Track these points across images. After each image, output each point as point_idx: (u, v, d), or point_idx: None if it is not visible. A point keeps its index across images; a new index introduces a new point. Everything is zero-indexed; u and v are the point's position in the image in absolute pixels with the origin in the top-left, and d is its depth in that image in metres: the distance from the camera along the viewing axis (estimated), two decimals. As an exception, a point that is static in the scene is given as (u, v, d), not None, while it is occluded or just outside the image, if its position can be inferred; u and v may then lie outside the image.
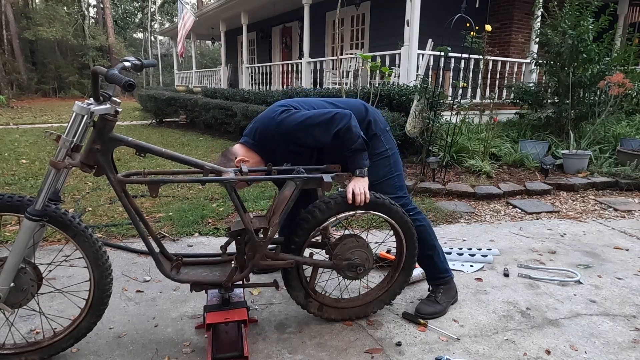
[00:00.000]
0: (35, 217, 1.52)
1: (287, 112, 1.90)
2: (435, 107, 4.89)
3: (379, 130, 2.07)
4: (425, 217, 2.17)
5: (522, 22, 8.14)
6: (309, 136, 1.86)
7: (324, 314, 2.01)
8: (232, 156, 1.91)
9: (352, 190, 1.84)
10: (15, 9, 23.73)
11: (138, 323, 2.02)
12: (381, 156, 2.06)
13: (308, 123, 1.84)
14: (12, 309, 1.61)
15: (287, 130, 1.86)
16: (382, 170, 2.07)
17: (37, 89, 23.74)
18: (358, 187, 1.85)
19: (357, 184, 1.86)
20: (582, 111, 5.67)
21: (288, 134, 1.87)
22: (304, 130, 1.85)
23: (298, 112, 1.89)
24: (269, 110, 1.96)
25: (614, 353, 1.84)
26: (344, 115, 1.83)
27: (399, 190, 2.11)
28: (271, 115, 1.91)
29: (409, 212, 2.09)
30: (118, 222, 3.33)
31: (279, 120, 1.87)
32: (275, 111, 1.92)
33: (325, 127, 1.83)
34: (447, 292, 2.17)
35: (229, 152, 1.94)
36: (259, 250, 1.78)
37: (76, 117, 1.51)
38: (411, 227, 1.99)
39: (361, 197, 1.83)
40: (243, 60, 13.16)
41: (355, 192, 1.84)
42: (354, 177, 1.89)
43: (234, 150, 1.95)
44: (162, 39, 27.80)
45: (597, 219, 3.72)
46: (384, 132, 2.10)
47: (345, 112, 1.84)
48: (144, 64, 1.66)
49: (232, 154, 1.93)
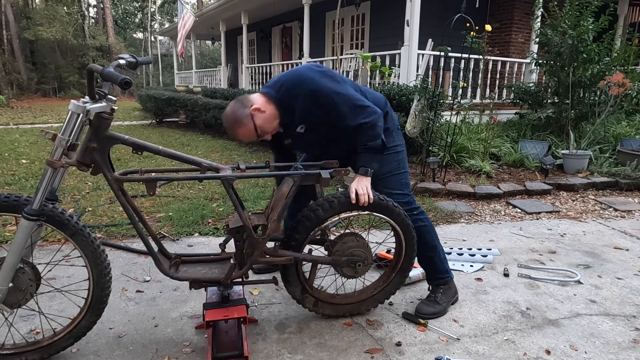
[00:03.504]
0: (32, 216, 1.52)
1: (327, 75, 1.82)
2: (435, 107, 4.89)
3: (392, 126, 2.06)
4: (427, 218, 2.15)
5: (522, 22, 8.14)
6: (336, 110, 1.80)
7: (319, 310, 2.02)
8: (248, 103, 1.80)
9: (355, 190, 1.83)
10: (15, 9, 23.72)
11: (138, 323, 2.01)
12: (391, 151, 2.05)
13: (342, 98, 1.79)
14: (11, 309, 1.60)
15: (319, 92, 1.78)
16: (390, 165, 2.05)
17: (37, 89, 23.72)
18: (361, 187, 1.84)
19: (361, 184, 1.85)
20: (582, 111, 5.66)
21: (319, 96, 1.78)
22: (334, 102, 1.79)
23: (338, 83, 1.82)
24: (304, 67, 1.86)
25: (614, 353, 1.84)
26: (375, 111, 1.82)
27: (404, 187, 2.09)
28: (306, 71, 1.82)
29: (412, 212, 2.07)
30: (118, 222, 3.32)
31: (317, 77, 1.79)
32: (312, 68, 1.84)
33: (355, 112, 1.79)
34: (446, 292, 2.16)
35: (245, 99, 1.82)
36: (257, 247, 1.78)
37: (72, 115, 1.50)
38: (412, 229, 1.99)
39: (365, 197, 1.83)
40: (243, 60, 13.16)
41: (359, 193, 1.83)
42: (357, 176, 1.87)
43: (252, 97, 1.83)
44: (162, 39, 27.80)
45: (597, 219, 3.71)
46: (396, 129, 2.09)
47: (377, 110, 1.84)
48: (139, 61, 1.66)
49: (248, 101, 1.81)
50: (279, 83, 1.85)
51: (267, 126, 1.83)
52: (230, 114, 1.79)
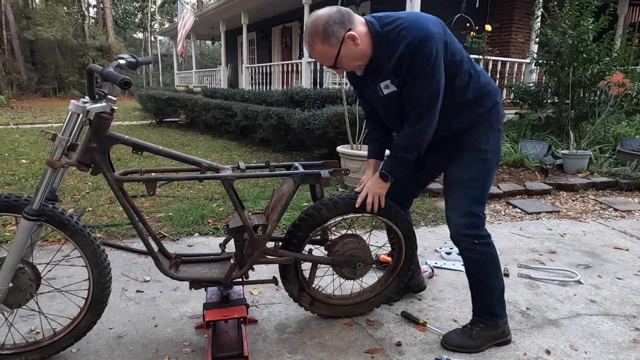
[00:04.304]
0: (32, 216, 1.52)
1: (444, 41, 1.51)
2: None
3: (494, 123, 1.73)
4: (493, 250, 1.79)
5: (522, 22, 8.14)
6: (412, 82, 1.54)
7: (315, 309, 2.02)
8: (348, 23, 1.50)
9: (365, 196, 1.78)
10: (15, 9, 23.73)
11: (138, 323, 2.01)
12: (479, 154, 1.72)
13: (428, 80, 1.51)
14: (11, 309, 1.60)
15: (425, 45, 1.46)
16: (469, 172, 1.73)
17: (37, 89, 23.74)
18: (373, 194, 1.77)
19: (374, 189, 1.77)
20: (582, 111, 5.66)
21: (413, 56, 1.48)
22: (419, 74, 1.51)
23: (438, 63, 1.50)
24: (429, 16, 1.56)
25: (614, 353, 1.84)
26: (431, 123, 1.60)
27: (474, 205, 1.73)
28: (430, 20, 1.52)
29: (477, 238, 1.75)
30: (118, 222, 3.32)
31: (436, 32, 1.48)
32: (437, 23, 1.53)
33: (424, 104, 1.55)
34: (487, 330, 1.85)
35: (348, 15, 1.51)
36: (257, 247, 1.78)
37: (72, 115, 1.50)
38: (413, 235, 1.99)
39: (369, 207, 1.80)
40: (243, 60, 13.16)
41: (367, 201, 1.78)
42: (375, 177, 1.77)
43: (355, 19, 1.53)
44: (162, 39, 27.79)
45: (597, 219, 3.71)
46: (496, 130, 1.75)
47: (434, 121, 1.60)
48: (139, 61, 1.66)
49: (350, 21, 1.51)
50: (391, 17, 1.54)
51: (350, 62, 1.57)
52: (321, 22, 1.49)
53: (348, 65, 1.59)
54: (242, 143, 7.78)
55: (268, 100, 7.72)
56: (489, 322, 1.85)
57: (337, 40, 1.50)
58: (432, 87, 1.54)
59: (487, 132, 1.72)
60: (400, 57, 1.50)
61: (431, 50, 1.47)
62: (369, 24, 1.55)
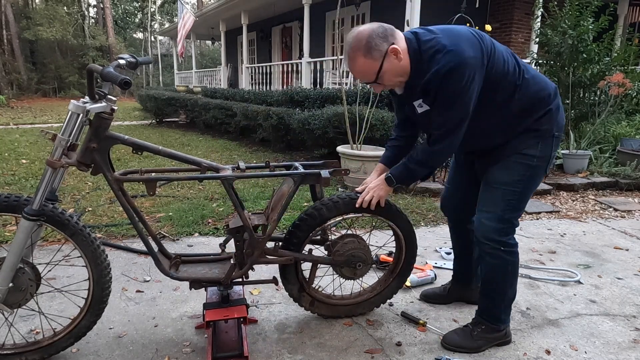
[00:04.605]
0: (32, 216, 1.52)
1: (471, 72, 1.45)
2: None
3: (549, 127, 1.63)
4: (517, 259, 1.75)
5: (522, 22, 8.14)
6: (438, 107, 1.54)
7: (315, 309, 2.02)
8: (391, 38, 1.48)
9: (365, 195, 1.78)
10: (15, 9, 23.73)
11: (138, 323, 2.01)
12: (524, 159, 1.64)
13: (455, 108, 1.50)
14: (11, 309, 1.60)
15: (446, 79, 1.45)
16: (511, 175, 1.65)
17: (37, 89, 23.74)
18: (374, 195, 1.77)
19: (377, 191, 1.77)
20: (582, 111, 5.66)
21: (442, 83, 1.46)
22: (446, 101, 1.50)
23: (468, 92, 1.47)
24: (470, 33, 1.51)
25: (614, 353, 1.84)
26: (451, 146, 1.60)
27: (509, 211, 1.66)
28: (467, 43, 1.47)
29: (505, 245, 1.69)
30: (118, 222, 3.32)
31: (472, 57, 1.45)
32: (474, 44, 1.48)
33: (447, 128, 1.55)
34: (489, 332, 1.83)
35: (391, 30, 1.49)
36: (257, 247, 1.78)
37: (72, 115, 1.50)
38: (413, 235, 1.99)
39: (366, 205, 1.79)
40: (243, 60, 13.16)
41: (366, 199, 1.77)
42: (381, 179, 1.77)
43: (398, 34, 1.51)
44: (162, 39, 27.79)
45: (597, 219, 3.71)
46: (552, 137, 1.65)
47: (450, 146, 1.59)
48: (139, 61, 1.66)
49: (393, 36, 1.49)
50: (429, 35, 1.51)
51: (391, 78, 1.54)
52: (364, 36, 1.47)
53: (390, 81, 1.56)
54: (242, 143, 7.78)
55: (268, 100, 7.72)
56: (492, 325, 1.84)
57: (379, 54, 1.48)
58: (458, 116, 1.54)
59: (537, 139, 1.64)
60: (428, 81, 1.49)
61: (461, 79, 1.45)
62: (408, 40, 1.53)
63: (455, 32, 1.51)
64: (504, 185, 1.67)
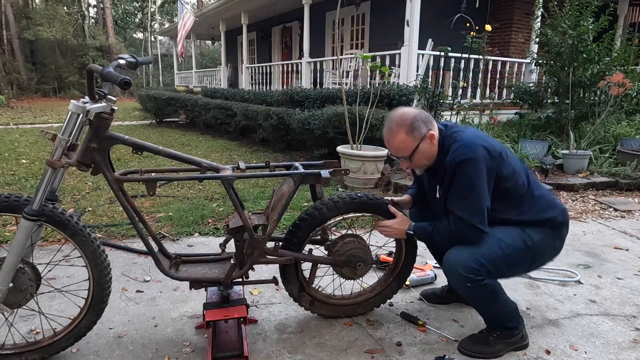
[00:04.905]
0: (32, 216, 1.52)
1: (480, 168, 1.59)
2: (435, 107, 4.90)
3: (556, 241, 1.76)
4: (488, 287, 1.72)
5: (522, 22, 8.14)
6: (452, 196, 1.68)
7: (315, 309, 2.02)
8: (431, 124, 1.67)
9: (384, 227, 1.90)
10: (15, 9, 23.73)
11: (138, 323, 2.01)
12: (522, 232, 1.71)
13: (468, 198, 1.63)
14: (11, 309, 1.60)
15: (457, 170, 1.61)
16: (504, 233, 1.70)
17: (37, 89, 23.74)
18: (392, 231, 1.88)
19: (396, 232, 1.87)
20: (582, 111, 5.66)
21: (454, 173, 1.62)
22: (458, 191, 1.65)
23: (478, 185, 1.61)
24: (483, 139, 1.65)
25: (614, 353, 1.84)
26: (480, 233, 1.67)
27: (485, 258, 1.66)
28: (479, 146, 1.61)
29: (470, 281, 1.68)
30: (118, 222, 3.32)
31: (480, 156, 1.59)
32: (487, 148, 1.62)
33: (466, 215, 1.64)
34: (504, 337, 1.82)
35: (431, 119, 1.68)
36: (257, 247, 1.78)
37: (72, 115, 1.50)
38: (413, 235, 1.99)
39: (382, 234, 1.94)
40: (243, 60, 13.17)
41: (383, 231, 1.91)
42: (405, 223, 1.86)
43: (434, 123, 1.69)
44: (162, 39, 27.80)
45: (597, 219, 3.71)
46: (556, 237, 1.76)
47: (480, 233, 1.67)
48: (139, 61, 1.66)
49: (431, 123, 1.67)
50: (456, 129, 1.71)
51: (421, 159, 1.70)
52: (410, 116, 1.65)
53: (419, 161, 1.72)
54: (242, 143, 7.78)
55: (268, 100, 7.72)
56: (505, 332, 1.83)
57: (419, 135, 1.65)
58: (474, 205, 1.64)
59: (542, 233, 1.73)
60: (444, 169, 1.66)
61: (472, 171, 1.60)
62: (439, 129, 1.71)
63: (477, 132, 1.69)
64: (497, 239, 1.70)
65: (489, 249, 1.68)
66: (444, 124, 1.75)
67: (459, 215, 1.67)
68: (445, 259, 1.76)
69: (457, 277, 1.71)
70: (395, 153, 1.73)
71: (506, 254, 1.69)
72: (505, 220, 1.73)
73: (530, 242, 1.71)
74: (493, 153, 1.64)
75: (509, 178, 1.68)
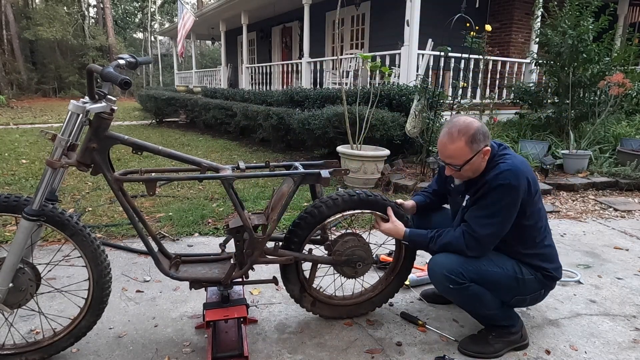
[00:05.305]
0: (32, 217, 1.52)
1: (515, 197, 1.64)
2: (435, 107, 4.89)
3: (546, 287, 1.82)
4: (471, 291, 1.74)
5: (522, 22, 8.14)
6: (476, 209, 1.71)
7: (316, 310, 2.02)
8: (488, 141, 1.69)
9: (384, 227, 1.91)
10: (15, 9, 23.73)
11: (138, 323, 2.01)
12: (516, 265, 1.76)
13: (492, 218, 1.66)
14: (11, 310, 1.60)
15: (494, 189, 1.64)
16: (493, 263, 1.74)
17: (37, 89, 23.75)
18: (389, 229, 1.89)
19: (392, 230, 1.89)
20: (582, 111, 5.66)
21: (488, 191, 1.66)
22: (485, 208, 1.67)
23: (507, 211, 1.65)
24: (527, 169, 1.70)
25: (614, 353, 1.84)
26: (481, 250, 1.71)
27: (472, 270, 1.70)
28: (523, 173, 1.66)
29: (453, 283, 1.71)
30: (118, 222, 3.32)
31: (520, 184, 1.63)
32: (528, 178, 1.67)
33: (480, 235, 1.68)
34: (503, 336, 1.83)
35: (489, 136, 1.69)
36: (257, 246, 1.78)
37: (72, 115, 1.50)
38: None
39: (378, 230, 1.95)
40: (243, 60, 13.17)
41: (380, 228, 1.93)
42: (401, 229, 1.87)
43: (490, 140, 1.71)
44: (162, 39, 27.80)
45: (597, 219, 3.71)
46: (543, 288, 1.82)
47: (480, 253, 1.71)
48: (138, 61, 1.66)
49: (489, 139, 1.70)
50: (505, 152, 1.74)
51: (469, 171, 1.72)
52: (474, 127, 1.67)
53: (466, 173, 1.73)
54: (242, 143, 7.78)
55: (268, 100, 7.72)
56: (502, 330, 1.84)
57: (477, 147, 1.67)
58: (493, 228, 1.67)
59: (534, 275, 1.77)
60: (482, 184, 1.68)
61: (506, 196, 1.63)
62: (492, 146, 1.73)
63: (525, 162, 1.72)
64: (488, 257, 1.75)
65: (477, 261, 1.73)
66: (497, 143, 1.78)
67: (475, 230, 1.69)
68: (430, 261, 1.80)
69: (440, 278, 1.73)
70: (446, 159, 1.72)
71: (493, 272, 1.73)
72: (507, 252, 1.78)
73: (521, 275, 1.75)
74: (533, 187, 1.68)
75: (532, 217, 1.72)
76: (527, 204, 1.68)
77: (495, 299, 1.78)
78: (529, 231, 1.74)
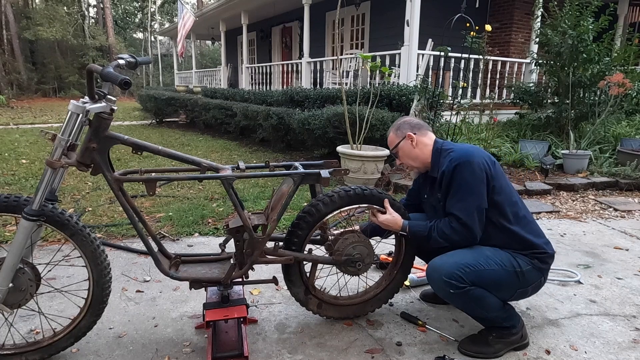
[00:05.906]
0: (32, 217, 1.52)
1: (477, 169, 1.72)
2: (435, 107, 4.90)
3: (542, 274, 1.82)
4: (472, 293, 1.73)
5: (522, 22, 8.14)
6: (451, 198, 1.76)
7: (323, 312, 2.01)
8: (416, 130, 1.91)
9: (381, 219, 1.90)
10: (15, 9, 23.73)
11: (138, 323, 2.01)
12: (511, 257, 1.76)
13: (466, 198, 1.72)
14: (11, 310, 1.60)
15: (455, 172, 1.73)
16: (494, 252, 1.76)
17: (37, 89, 23.74)
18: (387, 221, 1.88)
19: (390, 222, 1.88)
20: (582, 111, 5.66)
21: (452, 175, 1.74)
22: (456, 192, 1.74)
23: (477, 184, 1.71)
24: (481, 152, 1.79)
25: (614, 353, 1.84)
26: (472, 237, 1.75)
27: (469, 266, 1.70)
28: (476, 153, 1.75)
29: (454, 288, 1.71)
30: (118, 222, 3.32)
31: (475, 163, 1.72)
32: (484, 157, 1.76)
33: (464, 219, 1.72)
34: (503, 337, 1.83)
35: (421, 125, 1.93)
36: (257, 246, 1.78)
37: (72, 116, 1.50)
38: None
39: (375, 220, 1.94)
40: (243, 60, 13.16)
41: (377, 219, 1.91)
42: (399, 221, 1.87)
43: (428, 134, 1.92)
44: (162, 39, 27.81)
45: (597, 219, 3.71)
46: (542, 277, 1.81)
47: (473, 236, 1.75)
48: (138, 61, 1.65)
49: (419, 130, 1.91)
50: (452, 144, 1.87)
51: (405, 157, 1.93)
52: (402, 120, 1.96)
53: (404, 160, 1.95)
54: (242, 143, 7.78)
55: (268, 100, 7.72)
56: (502, 331, 1.83)
57: (401, 134, 1.93)
58: (473, 204, 1.73)
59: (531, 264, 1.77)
60: (442, 173, 1.79)
61: (469, 172, 1.72)
62: (436, 141, 1.91)
63: (471, 147, 1.83)
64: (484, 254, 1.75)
65: (475, 261, 1.72)
66: (444, 142, 1.92)
67: (457, 215, 1.75)
68: (428, 267, 1.79)
69: (440, 284, 1.73)
70: (389, 148, 1.99)
71: (492, 270, 1.72)
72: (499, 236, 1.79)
73: (519, 268, 1.75)
74: (489, 161, 1.78)
75: (502, 191, 1.77)
76: (490, 178, 1.75)
77: (497, 301, 1.78)
78: (506, 206, 1.77)
